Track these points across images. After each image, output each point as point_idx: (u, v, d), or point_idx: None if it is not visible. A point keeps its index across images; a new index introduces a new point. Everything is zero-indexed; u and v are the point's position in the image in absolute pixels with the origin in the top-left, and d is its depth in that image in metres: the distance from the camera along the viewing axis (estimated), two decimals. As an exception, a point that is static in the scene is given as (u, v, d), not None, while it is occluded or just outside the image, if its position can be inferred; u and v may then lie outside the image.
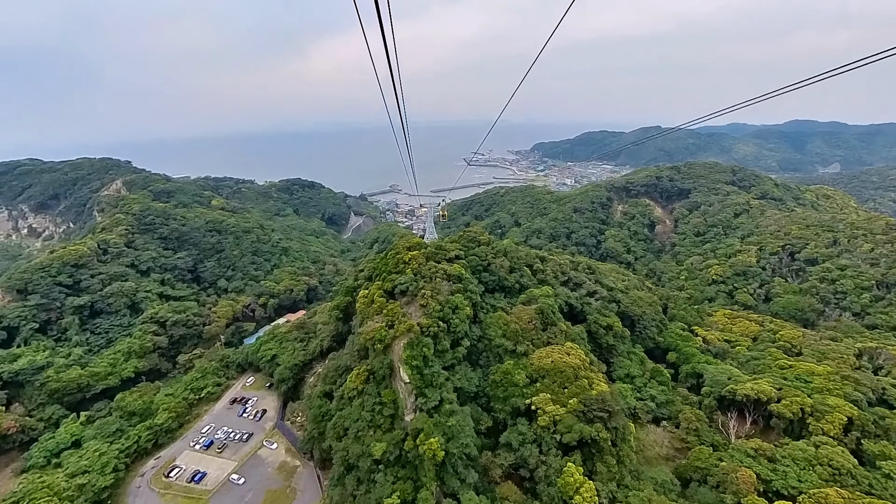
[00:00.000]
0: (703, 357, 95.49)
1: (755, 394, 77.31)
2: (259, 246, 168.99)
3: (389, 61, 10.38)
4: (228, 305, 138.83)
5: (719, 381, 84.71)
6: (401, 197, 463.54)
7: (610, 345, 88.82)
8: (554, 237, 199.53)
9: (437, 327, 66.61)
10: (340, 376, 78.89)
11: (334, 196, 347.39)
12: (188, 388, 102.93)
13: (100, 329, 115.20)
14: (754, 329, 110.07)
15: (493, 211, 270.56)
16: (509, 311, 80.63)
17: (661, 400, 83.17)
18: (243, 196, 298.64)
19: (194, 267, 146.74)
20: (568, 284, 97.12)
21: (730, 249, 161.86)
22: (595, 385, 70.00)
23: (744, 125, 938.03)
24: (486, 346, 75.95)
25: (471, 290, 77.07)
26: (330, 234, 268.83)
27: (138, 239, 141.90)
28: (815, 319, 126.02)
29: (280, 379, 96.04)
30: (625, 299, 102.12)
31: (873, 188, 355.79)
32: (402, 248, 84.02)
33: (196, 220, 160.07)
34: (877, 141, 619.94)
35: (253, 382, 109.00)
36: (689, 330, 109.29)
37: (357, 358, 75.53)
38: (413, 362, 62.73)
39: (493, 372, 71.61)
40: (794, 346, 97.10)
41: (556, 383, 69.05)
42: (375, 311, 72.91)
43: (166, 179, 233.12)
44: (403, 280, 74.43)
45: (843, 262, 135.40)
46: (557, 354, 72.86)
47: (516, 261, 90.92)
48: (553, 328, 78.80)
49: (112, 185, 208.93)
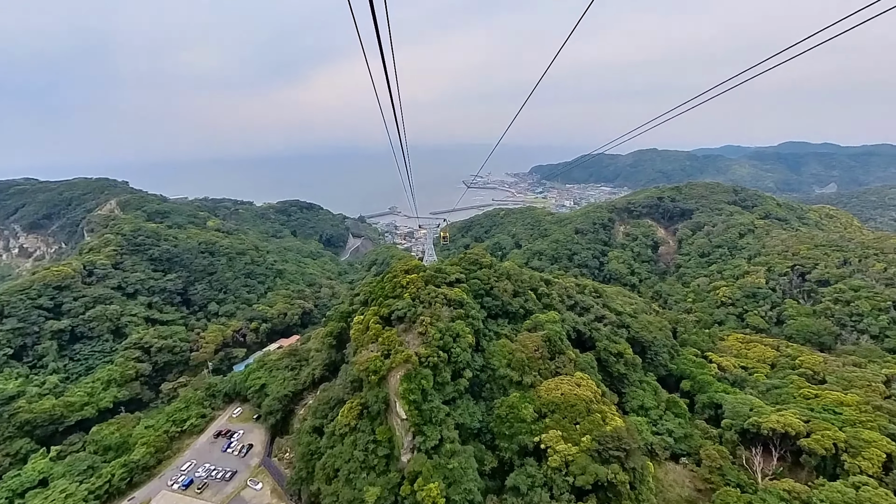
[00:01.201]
0: (721, 386, 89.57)
1: (782, 427, 71.30)
2: (253, 268, 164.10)
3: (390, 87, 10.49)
4: (218, 330, 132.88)
5: (740, 413, 78.68)
6: (400, 219, 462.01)
7: (621, 374, 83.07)
8: (556, 259, 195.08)
9: (436, 357, 61.28)
10: (332, 410, 72.81)
11: (333, 218, 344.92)
12: (170, 419, 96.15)
13: (79, 355, 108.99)
14: (771, 354, 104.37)
15: (493, 233, 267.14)
16: (514, 338, 75.34)
17: (679, 434, 76.90)
18: (240, 217, 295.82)
19: (184, 289, 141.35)
20: (575, 309, 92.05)
21: (737, 270, 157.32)
22: (609, 420, 64.25)
23: (738, 147, 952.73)
24: (490, 376, 70.32)
25: (473, 315, 71.99)
26: (327, 256, 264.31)
27: (127, 260, 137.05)
28: (831, 343, 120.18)
29: (268, 411, 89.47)
30: (634, 324, 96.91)
31: (873, 207, 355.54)
32: (399, 272, 79.37)
33: (188, 241, 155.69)
34: (872, 161, 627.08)
35: (240, 414, 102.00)
36: (703, 356, 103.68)
37: (350, 390, 69.75)
38: (410, 396, 57.14)
39: (498, 406, 65.80)
40: (816, 373, 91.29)
41: (566, 418, 63.25)
42: (370, 339, 67.64)
43: (162, 200, 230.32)
44: (401, 305, 69.47)
45: (857, 282, 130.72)
46: (567, 386, 67.28)
47: (520, 284, 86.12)
48: (561, 357, 73.38)
49: (106, 205, 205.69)
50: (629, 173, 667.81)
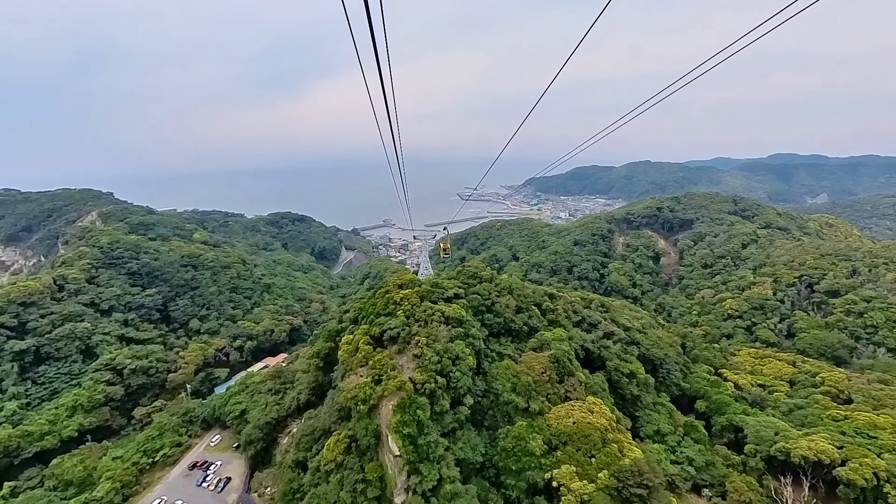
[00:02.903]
0: (740, 406, 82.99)
1: (814, 454, 64.78)
2: (239, 282, 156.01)
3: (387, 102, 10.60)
4: (199, 349, 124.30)
5: (765, 438, 72.02)
6: (394, 231, 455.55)
7: (634, 395, 76.29)
8: (555, 271, 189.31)
9: (433, 383, 54.36)
10: (317, 441, 65.13)
11: (325, 230, 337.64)
12: (141, 449, 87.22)
13: (43, 378, 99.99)
14: (788, 371, 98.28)
15: (489, 245, 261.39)
16: (518, 359, 68.58)
17: (700, 463, 69.84)
18: (230, 230, 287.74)
19: (164, 305, 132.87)
20: (582, 325, 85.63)
21: (743, 282, 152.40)
22: (627, 451, 57.47)
23: (728, 159, 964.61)
24: (493, 402, 63.30)
25: (473, 335, 65.21)
26: (319, 270, 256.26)
27: (103, 274, 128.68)
28: (846, 357, 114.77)
29: (248, 440, 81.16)
30: (644, 340, 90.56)
31: (867, 216, 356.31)
32: (392, 286, 72.64)
33: (171, 253, 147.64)
34: (860, 171, 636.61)
35: (219, 442, 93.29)
36: (717, 373, 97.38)
37: (337, 419, 62.29)
38: (404, 430, 50.00)
39: (503, 436, 58.68)
40: (840, 392, 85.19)
41: (580, 451, 56.28)
42: (359, 363, 60.56)
43: (148, 211, 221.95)
44: (394, 324, 62.64)
45: (868, 292, 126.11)
46: (579, 413, 60.46)
47: (523, 299, 79.66)
48: (570, 379, 66.65)
49: (87, 216, 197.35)
50: (623, 185, 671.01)
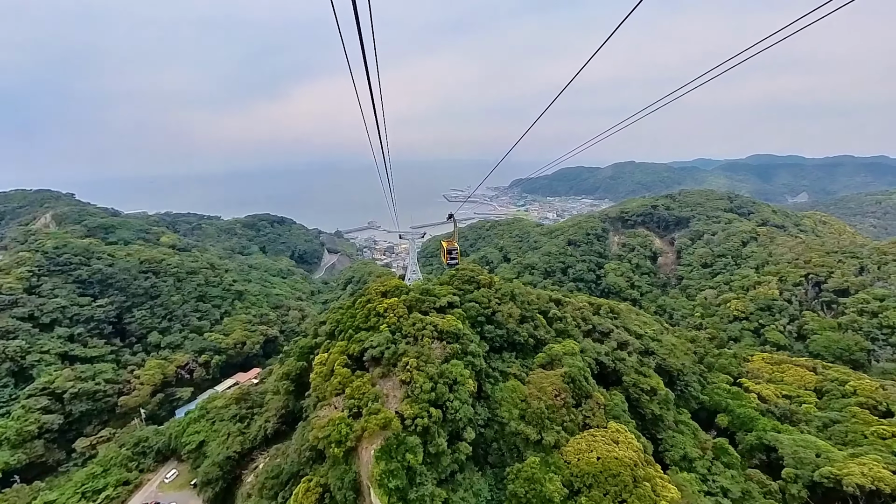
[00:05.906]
0: (769, 422, 74.02)
1: (870, 482, 55.75)
2: (207, 289, 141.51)
3: (374, 104, 10.49)
4: (158, 366, 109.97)
5: (805, 461, 62.88)
6: (379, 233, 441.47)
7: (656, 416, 66.38)
8: (549, 273, 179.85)
9: (426, 418, 43.03)
10: (284, 487, 52.99)
11: (306, 233, 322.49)
12: (79, 490, 73.86)
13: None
14: (812, 378, 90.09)
15: (478, 246, 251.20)
16: (525, 378, 57.69)
17: (736, 494, 60.27)
18: (203, 233, 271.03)
19: (118, 317, 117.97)
20: (592, 334, 75.43)
21: (746, 281, 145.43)
22: (661, 490, 47.20)
23: (709, 160, 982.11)
24: (498, 433, 52.26)
25: (472, 352, 54.07)
26: (299, 274, 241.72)
27: (46, 283, 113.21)
28: (864, 360, 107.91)
29: (205, 480, 68.21)
30: (660, 349, 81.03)
31: (851, 214, 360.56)
32: (374, 294, 60.95)
33: (128, 258, 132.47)
34: (837, 171, 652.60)
35: (175, 478, 79.65)
36: (736, 383, 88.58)
37: (307, 460, 50.34)
38: (391, 482, 38.57)
39: (512, 477, 47.64)
40: (878, 403, 77.08)
41: (608, 495, 45.63)
42: (334, 390, 48.82)
43: (112, 214, 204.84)
44: (376, 341, 50.97)
45: (881, 291, 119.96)
46: (602, 444, 49.95)
47: (527, 307, 68.99)
48: (588, 401, 56.16)
49: (40, 219, 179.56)
50: (609, 185, 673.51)
